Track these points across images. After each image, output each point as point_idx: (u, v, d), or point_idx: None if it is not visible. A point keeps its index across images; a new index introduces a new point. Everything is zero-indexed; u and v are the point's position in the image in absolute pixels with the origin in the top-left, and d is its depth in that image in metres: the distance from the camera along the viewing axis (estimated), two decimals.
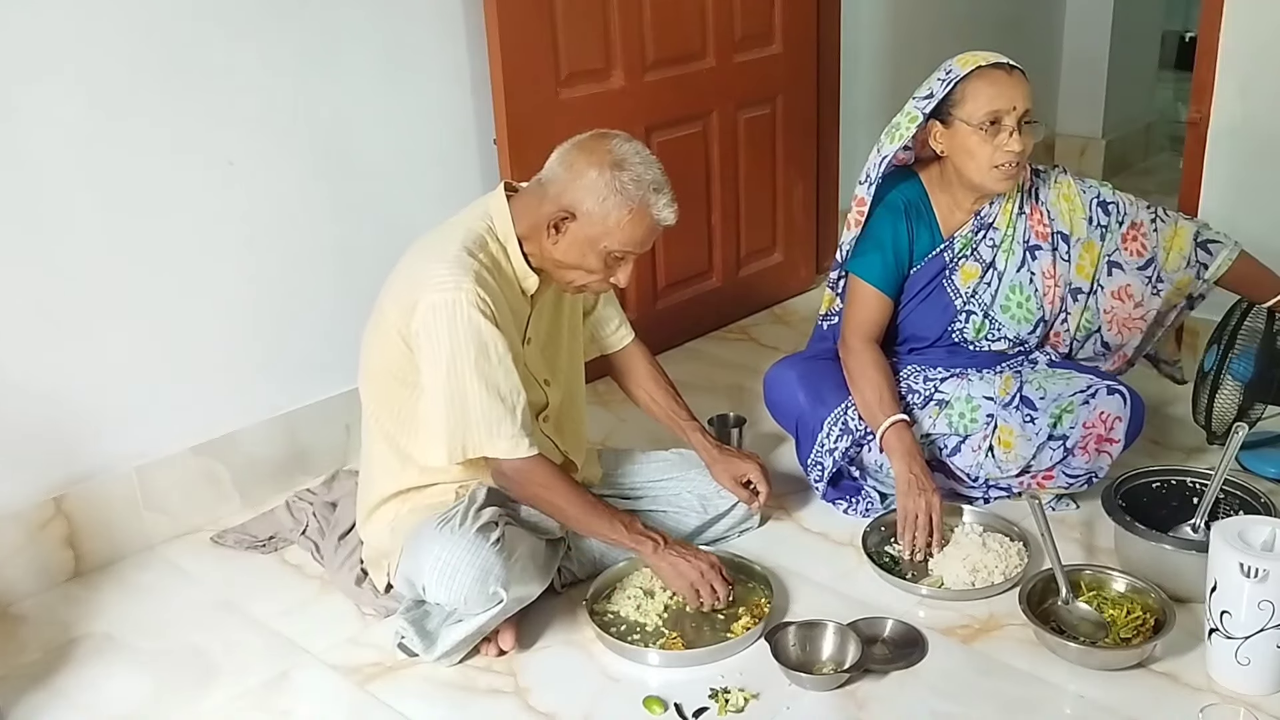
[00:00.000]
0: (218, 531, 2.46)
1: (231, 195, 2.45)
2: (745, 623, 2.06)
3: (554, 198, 1.96)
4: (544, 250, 2.00)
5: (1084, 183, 2.43)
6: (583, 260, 1.98)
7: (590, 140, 1.98)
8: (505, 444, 1.95)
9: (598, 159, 1.93)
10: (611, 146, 1.95)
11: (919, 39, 4.17)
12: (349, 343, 2.15)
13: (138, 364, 2.38)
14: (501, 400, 1.93)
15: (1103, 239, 2.40)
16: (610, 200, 1.92)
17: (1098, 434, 2.32)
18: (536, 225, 1.99)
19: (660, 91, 3.14)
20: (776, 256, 3.69)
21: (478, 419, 1.92)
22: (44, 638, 2.16)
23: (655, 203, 1.94)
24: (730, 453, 2.31)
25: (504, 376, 1.93)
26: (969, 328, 2.43)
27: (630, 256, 2.00)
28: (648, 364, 2.36)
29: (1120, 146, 5.06)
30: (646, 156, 1.97)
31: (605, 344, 2.34)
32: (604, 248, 1.96)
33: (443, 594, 1.92)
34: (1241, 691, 1.86)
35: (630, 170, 1.93)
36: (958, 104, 2.24)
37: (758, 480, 2.27)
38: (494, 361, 1.92)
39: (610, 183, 1.92)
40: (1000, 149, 2.22)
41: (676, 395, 2.36)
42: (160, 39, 2.27)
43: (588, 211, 1.93)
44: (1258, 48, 2.79)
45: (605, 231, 1.94)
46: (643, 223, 1.95)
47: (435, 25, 2.72)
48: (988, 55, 2.26)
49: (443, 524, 1.94)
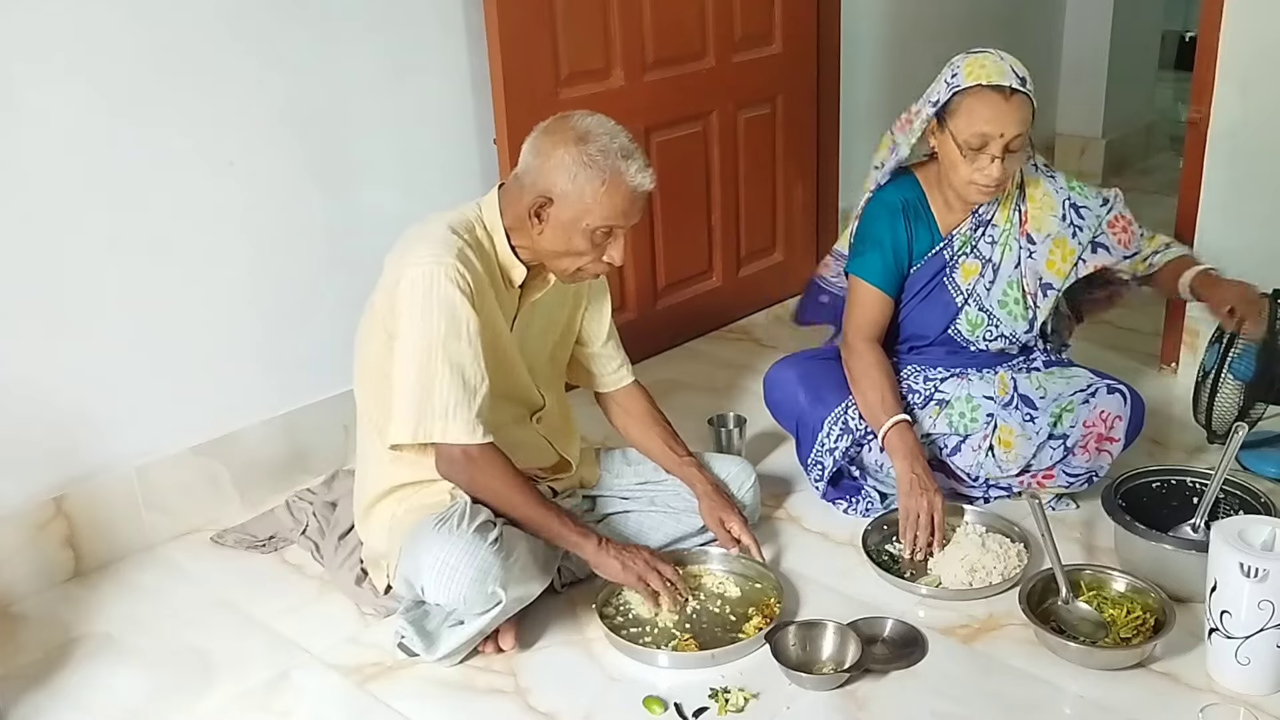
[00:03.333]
0: (218, 531, 2.46)
1: (231, 195, 2.45)
2: (757, 623, 2.06)
3: (530, 186, 1.96)
4: (533, 243, 2.00)
5: (1054, 182, 2.41)
6: (570, 244, 1.97)
7: (553, 123, 1.98)
8: (460, 427, 1.91)
9: (562, 137, 1.93)
10: (574, 123, 1.94)
11: (919, 39, 4.17)
12: (348, 343, 2.15)
13: (138, 364, 2.38)
14: (464, 383, 1.91)
15: (1074, 236, 2.39)
16: (581, 175, 1.91)
17: (1098, 433, 2.32)
18: (520, 217, 1.99)
19: (660, 91, 3.14)
20: (776, 256, 3.69)
21: (438, 398, 1.90)
22: (44, 638, 2.15)
23: (627, 169, 1.93)
24: (723, 497, 2.25)
25: (470, 359, 1.92)
26: (963, 321, 2.44)
27: (618, 231, 1.98)
28: (648, 404, 2.33)
29: (1120, 146, 5.06)
30: (611, 127, 1.95)
31: (603, 382, 2.32)
32: (586, 225, 1.94)
33: (441, 594, 1.92)
34: (1241, 691, 1.86)
35: (595, 141, 1.92)
36: (951, 114, 2.23)
37: (739, 531, 2.21)
38: (463, 342, 1.90)
39: (578, 158, 1.91)
40: (979, 171, 2.22)
41: (674, 434, 2.32)
42: (160, 39, 2.27)
43: (563, 192, 1.92)
44: (1258, 48, 2.79)
45: (584, 209, 1.93)
46: (618, 191, 1.93)
47: (435, 25, 2.72)
48: (995, 70, 2.19)
49: (440, 524, 1.93)
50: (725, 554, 2.23)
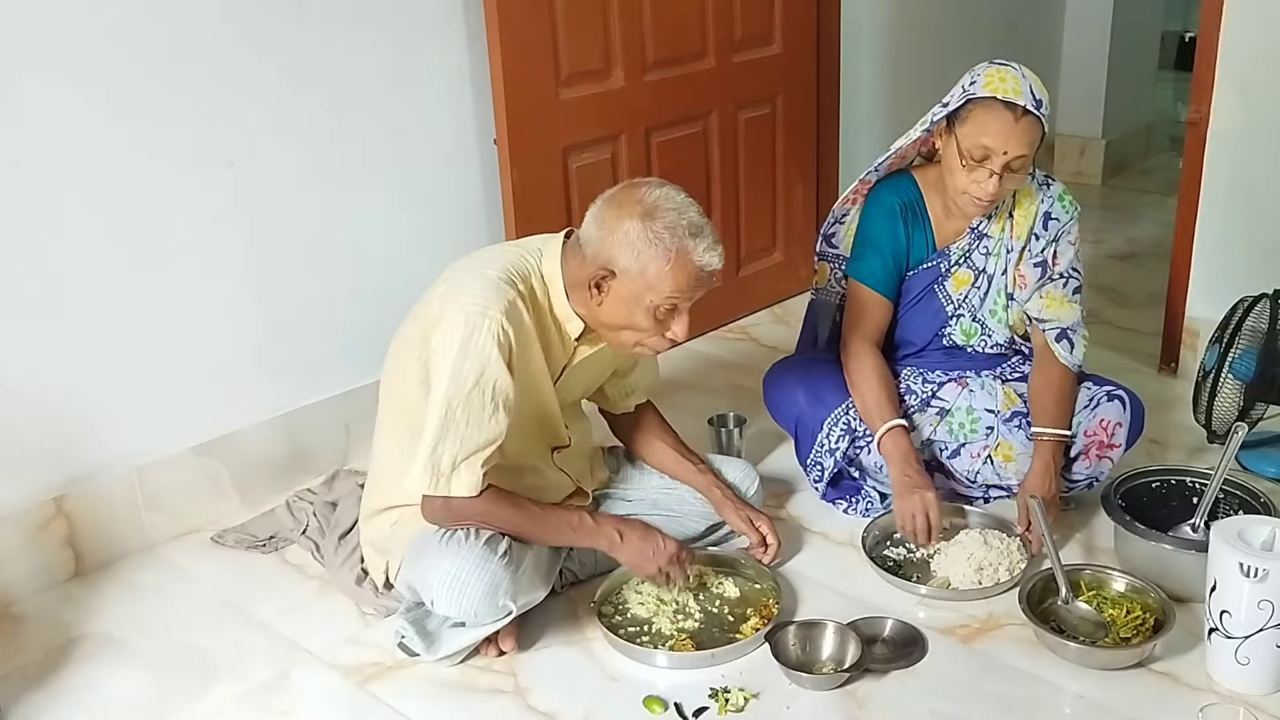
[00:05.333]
0: (218, 531, 2.46)
1: (231, 195, 2.45)
2: (754, 623, 2.06)
3: (592, 258, 1.88)
4: (591, 313, 1.93)
5: (1045, 190, 2.37)
6: (631, 319, 1.90)
7: (620, 193, 1.90)
8: (463, 483, 1.86)
9: (628, 210, 1.85)
10: (641, 195, 1.86)
11: (919, 39, 4.17)
12: (348, 343, 2.15)
13: (138, 364, 2.38)
14: (478, 439, 1.85)
15: (1034, 242, 2.37)
16: (646, 253, 1.83)
17: (1099, 440, 2.32)
18: (579, 284, 1.92)
19: (660, 91, 3.14)
20: (776, 256, 3.69)
21: (448, 452, 1.85)
22: (44, 638, 2.15)
23: (695, 248, 1.85)
24: (743, 503, 2.25)
25: (490, 416, 1.85)
26: (957, 331, 2.44)
27: (682, 306, 1.91)
28: (657, 418, 2.31)
29: (1120, 146, 5.05)
30: (680, 200, 1.87)
31: (620, 405, 2.28)
32: (650, 302, 1.87)
33: (452, 608, 1.91)
34: (1241, 691, 1.86)
35: (663, 218, 1.84)
36: (961, 120, 2.20)
37: (769, 533, 2.20)
38: (486, 397, 1.84)
39: (643, 234, 1.83)
40: (975, 184, 2.20)
41: (686, 447, 2.30)
42: (160, 39, 2.27)
43: (625, 268, 1.84)
44: (1258, 48, 2.79)
45: (646, 285, 1.85)
46: (684, 270, 1.85)
47: (435, 25, 2.72)
48: (1013, 86, 2.15)
49: (447, 536, 1.92)
50: (724, 554, 2.24)
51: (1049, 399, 2.32)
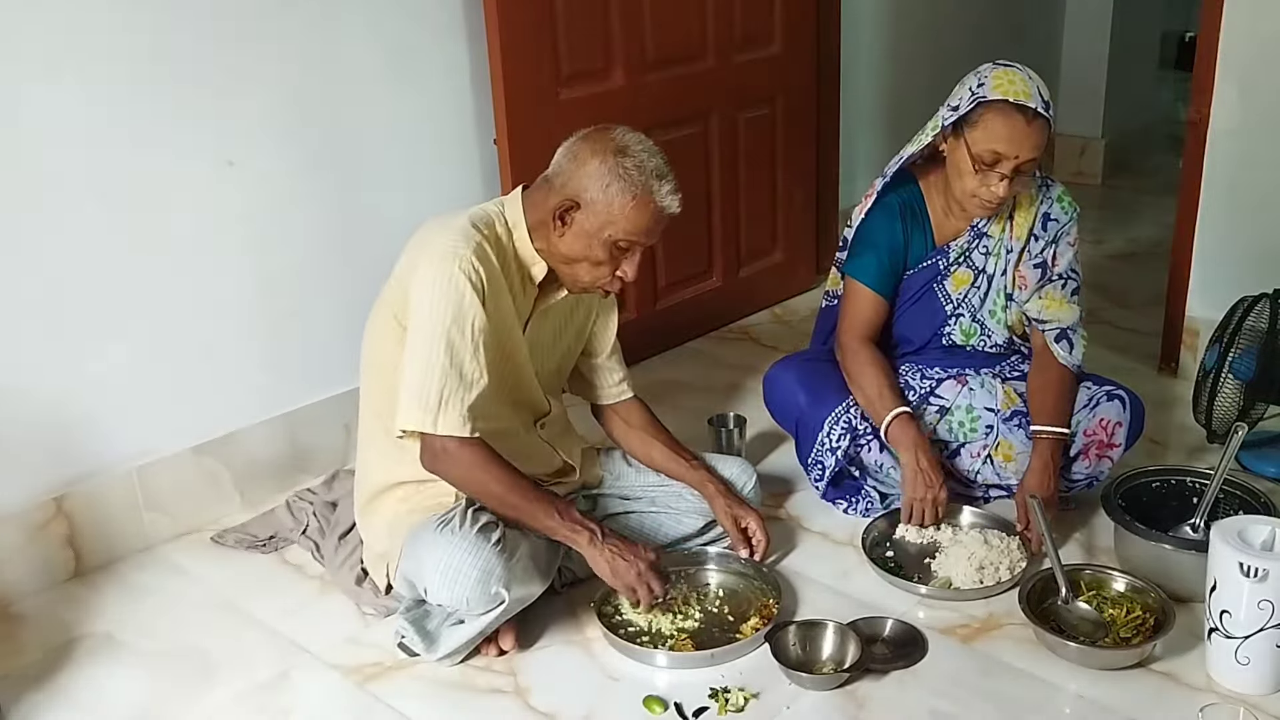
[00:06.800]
0: (218, 531, 2.46)
1: (231, 195, 2.45)
2: (754, 624, 2.06)
3: (559, 189, 1.96)
4: (551, 246, 2.00)
5: (1045, 191, 2.37)
6: (589, 251, 1.97)
7: (594, 132, 1.99)
8: (452, 420, 1.90)
9: (601, 147, 1.94)
10: (614, 135, 1.96)
11: (919, 39, 4.18)
12: (348, 343, 2.15)
13: (138, 364, 2.38)
14: (461, 376, 1.90)
15: (1033, 244, 2.37)
16: (614, 186, 1.92)
17: (1099, 440, 2.32)
18: (544, 220, 1.99)
19: (660, 91, 3.14)
20: (776, 256, 3.69)
21: (434, 389, 1.89)
22: (44, 638, 2.15)
23: (659, 189, 1.94)
24: (736, 497, 2.26)
25: (470, 354, 1.91)
26: (957, 330, 2.44)
27: (636, 248, 1.99)
28: (648, 416, 2.33)
29: (1120, 146, 5.05)
30: (649, 145, 1.97)
31: (604, 394, 2.31)
32: (609, 236, 1.95)
33: (445, 596, 1.92)
34: (1241, 691, 1.86)
35: (633, 157, 1.93)
36: (970, 124, 2.18)
37: (756, 530, 2.22)
38: (465, 336, 1.90)
39: (614, 169, 1.92)
40: (985, 187, 2.20)
41: (676, 441, 2.31)
42: (160, 39, 2.27)
43: (592, 199, 1.93)
44: (1258, 48, 2.79)
45: (610, 219, 1.94)
46: (646, 209, 1.94)
47: (435, 25, 2.72)
48: (1023, 89, 2.14)
49: (442, 525, 1.93)
50: (723, 553, 2.24)
51: (1048, 398, 2.32)
